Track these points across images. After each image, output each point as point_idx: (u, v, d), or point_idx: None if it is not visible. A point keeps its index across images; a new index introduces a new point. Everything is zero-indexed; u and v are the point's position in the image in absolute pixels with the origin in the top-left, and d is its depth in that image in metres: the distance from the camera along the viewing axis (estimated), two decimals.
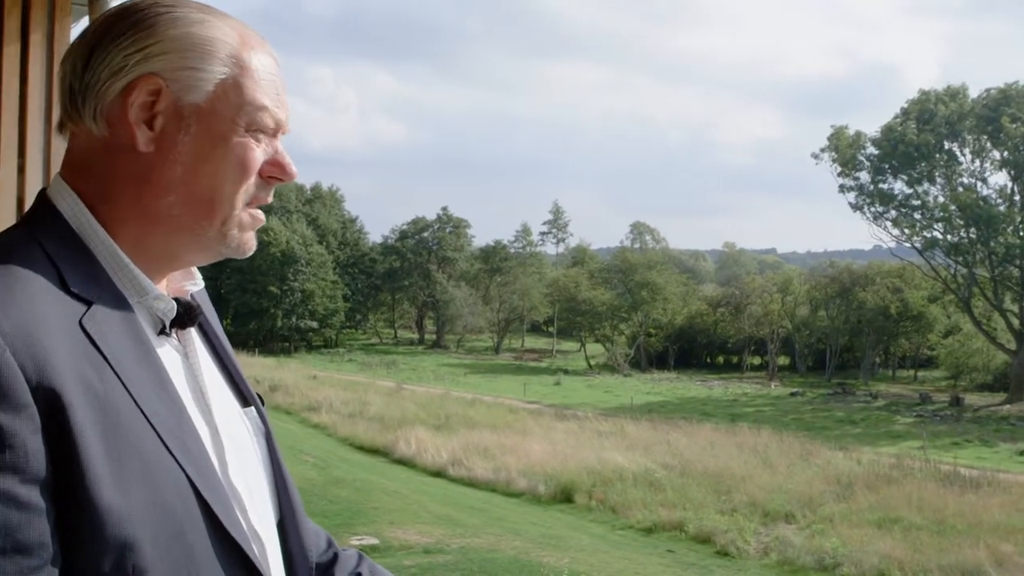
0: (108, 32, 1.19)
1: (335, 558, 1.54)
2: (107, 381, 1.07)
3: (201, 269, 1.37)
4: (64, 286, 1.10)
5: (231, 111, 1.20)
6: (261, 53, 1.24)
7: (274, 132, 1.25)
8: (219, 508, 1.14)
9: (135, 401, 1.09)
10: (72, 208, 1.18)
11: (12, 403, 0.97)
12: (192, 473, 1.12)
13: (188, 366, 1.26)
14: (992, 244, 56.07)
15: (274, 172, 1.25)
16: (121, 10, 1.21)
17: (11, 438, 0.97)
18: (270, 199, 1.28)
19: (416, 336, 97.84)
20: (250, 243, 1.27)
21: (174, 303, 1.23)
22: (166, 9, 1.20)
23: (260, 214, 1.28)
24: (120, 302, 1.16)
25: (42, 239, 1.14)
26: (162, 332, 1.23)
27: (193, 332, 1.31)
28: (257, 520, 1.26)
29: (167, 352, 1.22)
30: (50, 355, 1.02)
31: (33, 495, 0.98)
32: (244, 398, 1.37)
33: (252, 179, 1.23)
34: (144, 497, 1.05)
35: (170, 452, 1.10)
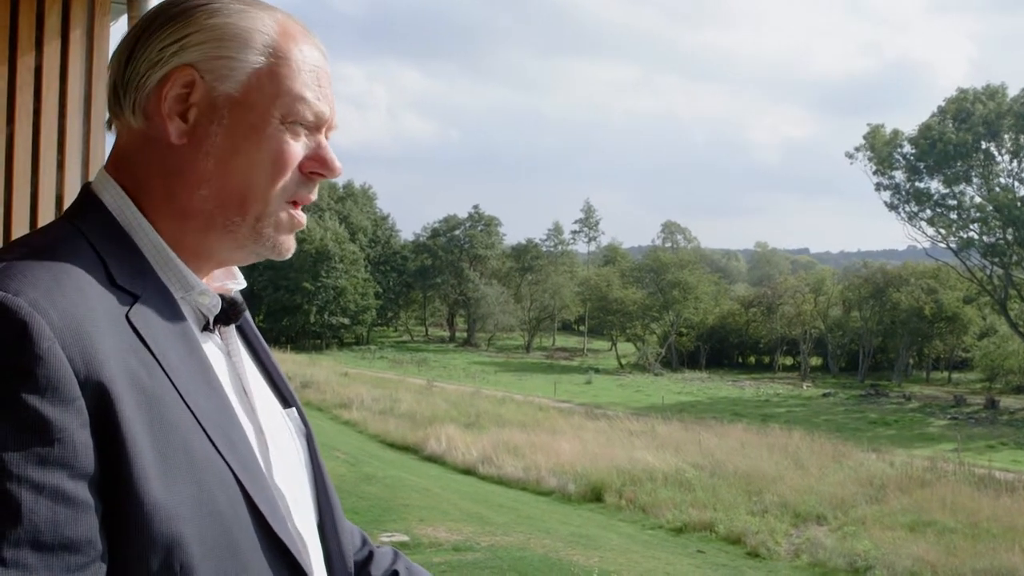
0: (149, 26, 1.18)
1: (370, 556, 1.51)
2: (154, 375, 1.06)
3: None
4: (110, 279, 1.09)
5: (266, 101, 1.17)
6: (304, 44, 1.22)
7: (316, 126, 1.22)
8: (266, 508, 1.13)
9: (182, 396, 1.07)
10: (117, 202, 1.18)
11: (61, 397, 0.95)
12: (239, 471, 1.10)
13: (231, 364, 1.25)
14: None
15: (316, 168, 1.22)
16: (165, 4, 1.20)
17: (60, 432, 0.95)
18: (313, 197, 1.25)
19: (447, 334, 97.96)
20: (287, 244, 1.25)
21: (219, 299, 1.22)
22: (206, 0, 1.19)
23: (301, 216, 1.24)
24: (165, 297, 1.15)
25: (87, 232, 1.13)
26: (205, 329, 1.22)
27: (234, 331, 1.30)
28: (300, 521, 1.24)
29: (211, 349, 1.21)
30: (98, 348, 1.00)
31: (81, 490, 0.96)
32: (285, 399, 1.35)
33: (289, 174, 1.20)
34: (190, 494, 1.04)
35: (216, 449, 1.09)
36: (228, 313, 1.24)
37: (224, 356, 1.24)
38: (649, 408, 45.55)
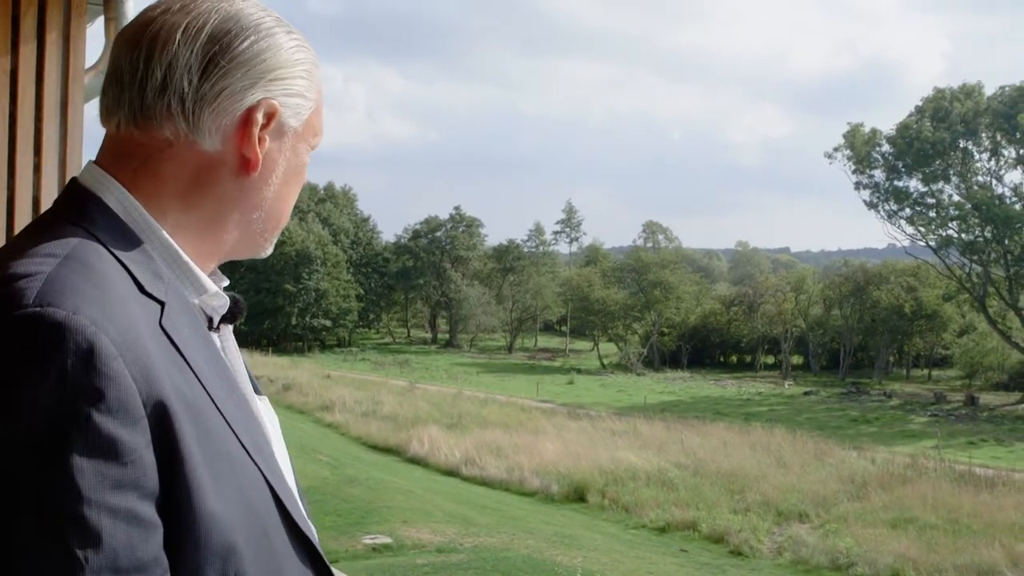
0: (229, 44, 1.15)
1: None
2: (192, 385, 1.05)
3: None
4: (140, 287, 1.07)
5: (309, 136, 1.24)
6: (319, 73, 1.27)
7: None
8: (290, 505, 1.14)
9: (215, 403, 1.08)
10: (121, 202, 1.14)
11: (131, 417, 0.94)
12: (266, 472, 1.12)
13: (228, 362, 1.23)
14: (1007, 243, 55.79)
15: None
16: (233, 22, 1.16)
17: (132, 453, 0.94)
18: None
19: (429, 335, 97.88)
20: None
21: (227, 299, 1.22)
22: (278, 28, 1.20)
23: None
24: (183, 301, 1.13)
25: (103, 238, 1.09)
26: (210, 327, 1.22)
27: (230, 330, 1.30)
28: (306, 515, 1.25)
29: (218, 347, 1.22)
30: (153, 363, 0.99)
31: (150, 511, 0.95)
32: (255, 389, 1.34)
33: None
34: (237, 500, 1.05)
35: (248, 453, 1.10)
36: (233, 313, 1.25)
37: (223, 355, 1.23)
38: (631, 408, 45.61)
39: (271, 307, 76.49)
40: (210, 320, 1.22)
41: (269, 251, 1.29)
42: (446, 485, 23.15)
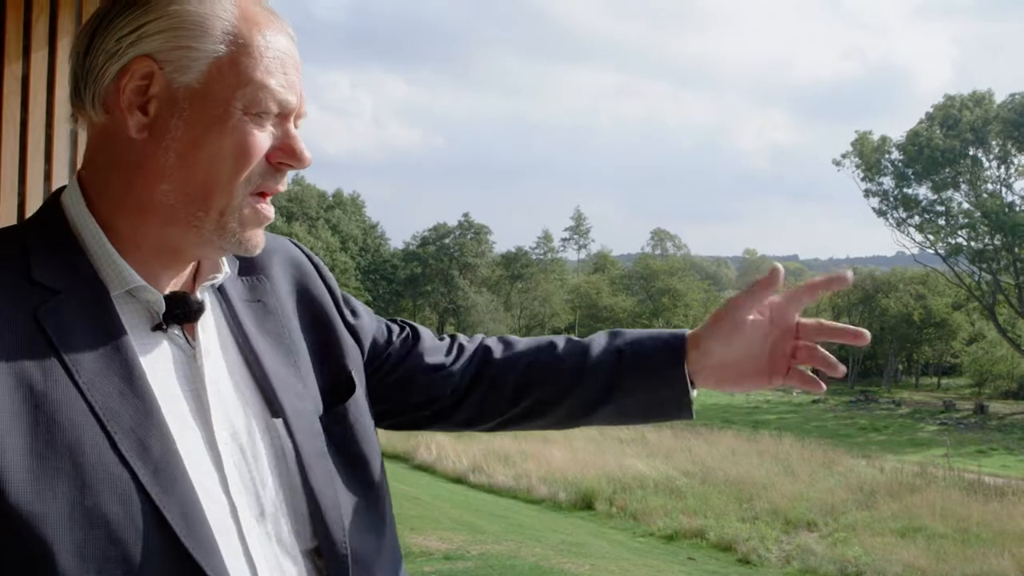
0: (107, 14, 1.15)
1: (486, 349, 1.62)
2: (51, 374, 1.02)
3: None
4: (26, 276, 1.07)
5: (227, 92, 1.14)
6: (269, 30, 1.17)
7: (283, 115, 1.19)
8: (178, 519, 1.05)
9: (84, 396, 1.03)
10: (72, 200, 1.16)
11: None
12: (146, 477, 1.04)
13: (193, 366, 1.18)
14: (1017, 251, 55.64)
15: (283, 158, 1.19)
16: None
17: None
18: (281, 188, 1.21)
19: None
20: (255, 240, 1.21)
21: (160, 296, 1.17)
22: None
23: (268, 209, 1.20)
24: (98, 293, 1.11)
25: (29, 230, 1.13)
26: (157, 328, 1.17)
27: (217, 330, 1.25)
28: (261, 543, 1.16)
29: (161, 349, 1.16)
30: None
31: None
32: (273, 408, 1.25)
33: (254, 165, 1.16)
34: (71, 499, 0.99)
35: (119, 453, 1.03)
36: (185, 313, 1.19)
37: (182, 355, 1.19)
38: None
39: None
40: (167, 317, 1.18)
41: (237, 242, 1.19)
42: (454, 492, 23.12)
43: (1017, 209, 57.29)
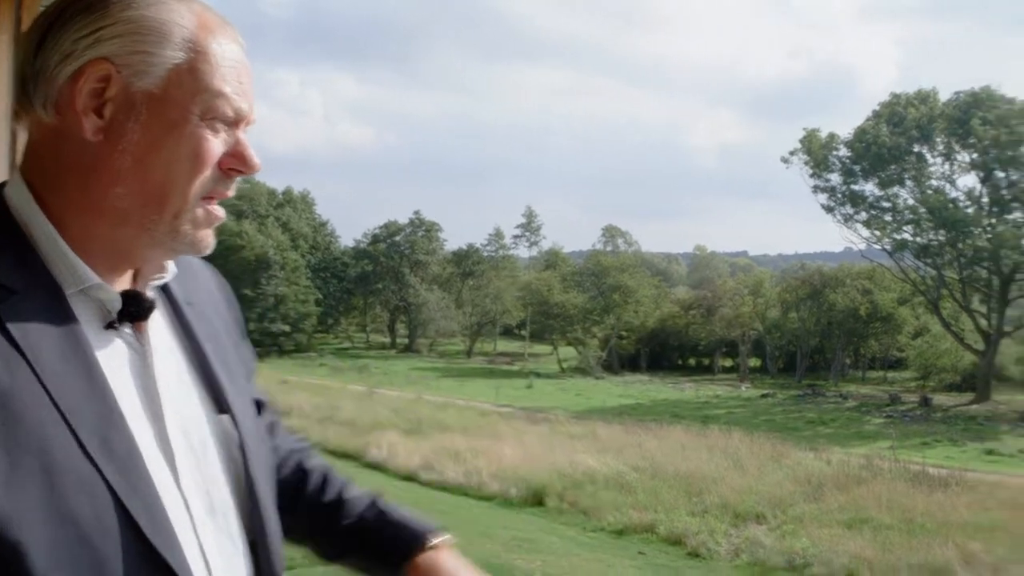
0: (62, 15, 1.15)
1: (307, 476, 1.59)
2: (15, 372, 1.02)
3: None
4: None
5: (185, 98, 1.15)
6: (223, 38, 1.19)
7: (235, 122, 1.20)
8: (144, 517, 1.07)
9: (49, 395, 1.03)
10: (19, 198, 1.15)
11: None
12: (112, 476, 1.05)
13: (144, 364, 1.20)
14: (960, 246, 56.59)
15: (234, 164, 1.21)
16: None
17: None
18: (230, 193, 1.23)
19: (388, 340, 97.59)
20: (206, 241, 1.22)
21: (117, 294, 1.18)
22: None
23: (219, 211, 1.22)
24: (53, 292, 1.11)
25: None
26: (111, 326, 1.17)
27: (163, 329, 1.27)
28: (211, 534, 1.19)
29: (115, 347, 1.17)
30: None
31: None
32: (220, 404, 1.30)
33: (208, 171, 1.17)
34: (40, 498, 0.99)
35: (85, 451, 1.04)
36: (136, 311, 1.20)
37: (134, 354, 1.19)
38: (590, 412, 45.72)
39: None
40: (120, 315, 1.18)
41: (190, 243, 1.21)
42: (404, 490, 23.03)
43: (960, 205, 58.26)
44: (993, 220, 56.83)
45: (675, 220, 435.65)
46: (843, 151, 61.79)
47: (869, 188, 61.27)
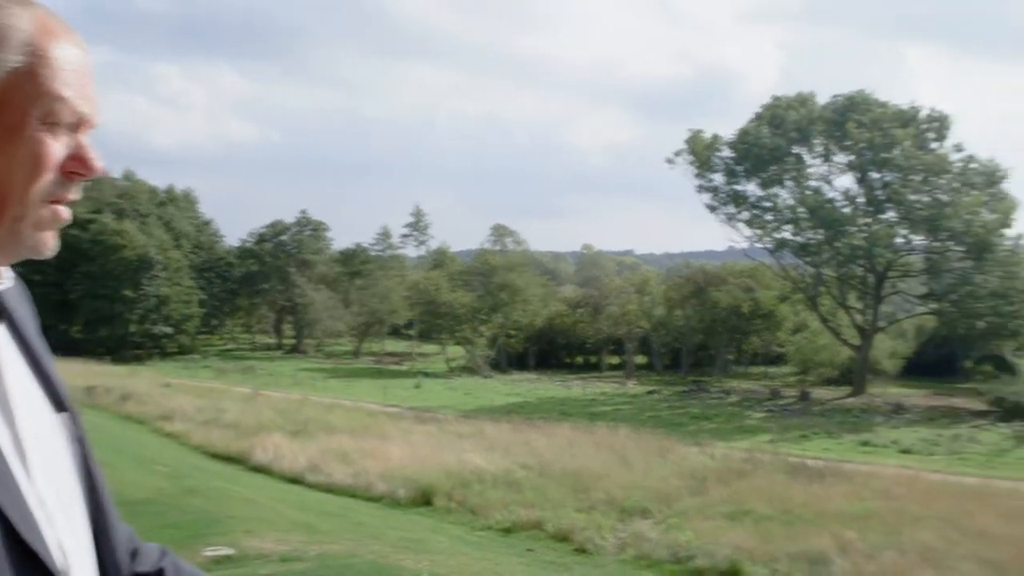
0: None
1: (136, 552, 1.48)
2: None
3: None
4: None
5: (24, 102, 1.14)
6: (64, 42, 1.18)
7: (76, 126, 1.20)
8: (15, 515, 1.08)
9: None
10: None
11: None
12: None
13: None
14: (838, 244, 58.11)
15: (76, 168, 1.20)
16: None
17: None
18: (73, 196, 1.22)
19: (274, 341, 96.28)
20: (49, 243, 1.21)
21: None
22: None
23: (64, 211, 1.21)
24: None
25: None
26: None
27: (2, 332, 1.26)
28: (67, 528, 1.21)
29: None
30: None
31: None
32: (58, 403, 1.31)
33: (49, 175, 1.17)
34: None
35: None
36: None
37: None
38: (478, 410, 45.80)
39: (109, 314, 73.71)
40: None
41: (31, 246, 1.20)
42: (291, 493, 22.75)
43: (837, 205, 59.98)
44: (868, 220, 58.61)
45: (563, 219, 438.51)
46: (726, 152, 62.96)
47: (751, 188, 62.58)
